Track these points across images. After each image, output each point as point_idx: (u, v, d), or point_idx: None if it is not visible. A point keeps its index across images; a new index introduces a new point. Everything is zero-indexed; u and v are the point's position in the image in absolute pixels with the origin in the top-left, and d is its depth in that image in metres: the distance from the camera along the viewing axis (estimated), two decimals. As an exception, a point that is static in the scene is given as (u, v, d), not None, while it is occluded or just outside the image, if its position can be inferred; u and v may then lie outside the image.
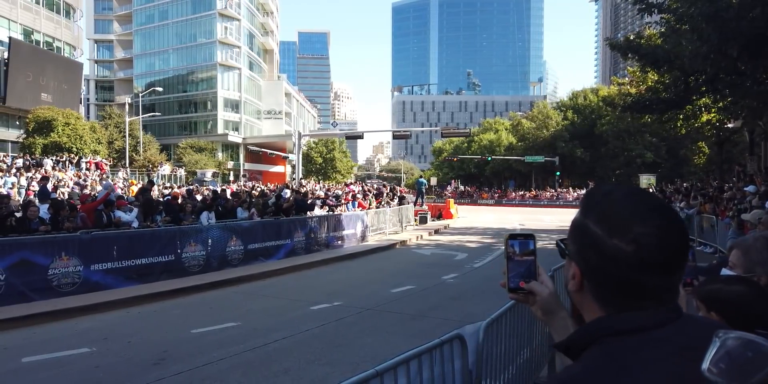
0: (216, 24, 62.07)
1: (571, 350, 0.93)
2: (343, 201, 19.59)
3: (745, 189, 13.77)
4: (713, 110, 20.50)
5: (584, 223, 0.92)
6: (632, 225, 0.87)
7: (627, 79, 31.20)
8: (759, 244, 1.95)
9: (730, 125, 23.86)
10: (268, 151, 51.06)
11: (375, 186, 30.15)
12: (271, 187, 23.16)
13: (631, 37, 18.03)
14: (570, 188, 55.35)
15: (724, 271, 1.97)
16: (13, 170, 23.09)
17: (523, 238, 1.13)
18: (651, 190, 23.26)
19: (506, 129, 71.08)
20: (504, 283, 1.13)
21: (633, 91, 26.04)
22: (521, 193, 57.17)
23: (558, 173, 57.25)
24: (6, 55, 36.27)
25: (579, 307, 0.98)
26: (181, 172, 42.69)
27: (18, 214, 9.62)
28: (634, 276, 0.86)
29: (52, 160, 29.15)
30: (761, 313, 1.66)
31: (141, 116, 47.74)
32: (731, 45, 10.71)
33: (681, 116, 21.35)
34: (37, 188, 17.54)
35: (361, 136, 38.82)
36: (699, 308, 1.89)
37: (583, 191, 50.79)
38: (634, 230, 0.86)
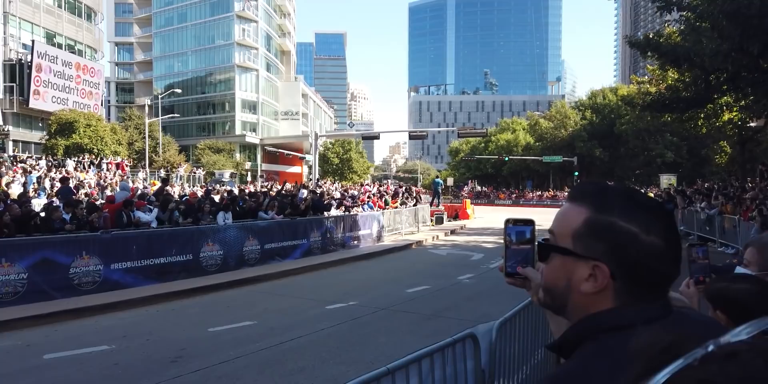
0: (234, 26, 62.61)
1: (563, 349, 0.92)
2: (359, 201, 19.63)
3: (769, 189, 13.53)
4: (735, 109, 20.14)
5: (610, 221, 0.90)
6: (657, 221, 0.90)
7: (647, 77, 30.79)
8: None
9: (752, 124, 23.40)
10: (285, 151, 51.37)
11: (392, 187, 30.16)
12: (289, 186, 23.26)
13: (651, 35, 17.76)
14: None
15: (739, 269, 1.95)
16: (37, 171, 23.55)
17: (523, 224, 1.16)
18: (671, 192, 22.95)
19: (524, 129, 70.57)
20: (502, 267, 1.14)
21: (653, 89, 25.68)
22: (539, 193, 56.72)
23: (576, 173, 56.63)
24: (29, 58, 37.01)
25: (578, 310, 0.94)
26: (200, 172, 43.15)
27: (42, 214, 9.82)
28: (666, 268, 0.90)
29: (74, 161, 29.67)
30: (764, 311, 1.64)
31: (160, 117, 48.34)
32: (753, 42, 10.50)
33: (702, 115, 21.01)
34: (58, 186, 17.86)
35: (377, 137, 38.84)
36: (708, 307, 1.87)
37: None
38: (660, 226, 0.90)
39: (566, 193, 49.29)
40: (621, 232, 0.89)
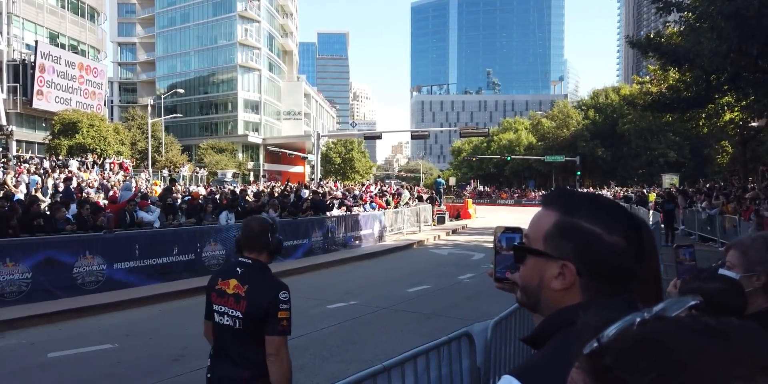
0: (236, 26, 62.73)
1: (536, 342, 1.00)
2: (360, 201, 19.69)
3: (770, 189, 13.54)
4: (736, 109, 20.14)
5: (575, 222, 0.99)
6: (619, 222, 0.99)
7: (648, 77, 30.78)
8: (758, 244, 1.98)
9: (754, 124, 23.40)
10: (288, 151, 51.48)
11: (394, 186, 30.21)
12: (292, 186, 23.35)
13: (652, 36, 17.78)
14: (591, 188, 54.72)
15: (722, 271, 2.01)
16: (41, 171, 23.67)
17: (512, 232, 1.21)
18: (673, 191, 22.96)
19: (526, 128, 70.53)
20: (491, 272, 1.20)
21: (654, 89, 25.69)
22: (541, 193, 56.65)
23: (579, 173, 56.60)
24: (32, 58, 37.17)
25: (550, 306, 1.01)
26: (203, 172, 43.27)
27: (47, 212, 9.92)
28: (628, 266, 0.98)
29: (77, 161, 29.78)
30: (737, 309, 1.71)
31: (163, 117, 48.48)
32: (751, 43, 10.53)
33: (703, 115, 21.01)
34: (62, 188, 17.97)
35: (379, 137, 38.93)
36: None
37: (605, 191, 50.42)
38: (622, 226, 0.98)
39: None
40: (586, 233, 0.98)
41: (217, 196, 15.04)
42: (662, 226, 16.11)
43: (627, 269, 0.98)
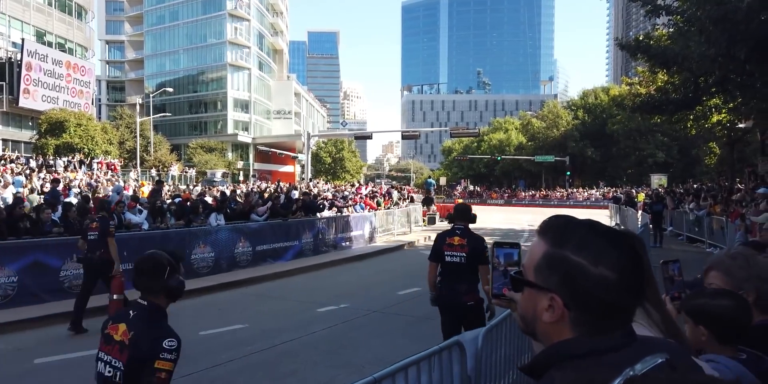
0: (226, 24, 62.41)
1: (534, 372, 0.99)
2: (350, 202, 19.66)
3: (758, 191, 13.65)
4: (723, 111, 20.33)
5: (563, 254, 0.97)
6: (609, 253, 0.96)
7: (637, 79, 30.99)
8: (740, 261, 1.98)
9: (741, 125, 23.63)
10: (278, 151, 51.29)
11: (385, 187, 30.20)
12: (282, 186, 23.29)
13: (641, 38, 17.90)
14: (581, 188, 55.09)
15: None
16: (27, 171, 23.41)
17: (509, 247, 1.20)
18: (660, 191, 23.16)
19: (516, 128, 70.83)
20: (488, 288, 1.20)
21: (643, 90, 25.87)
22: (531, 193, 56.98)
23: (568, 173, 56.96)
24: (19, 56, 36.75)
25: (545, 337, 1.01)
26: (192, 172, 43.00)
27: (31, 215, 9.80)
28: (618, 300, 0.95)
29: (64, 161, 29.49)
30: (745, 325, 1.72)
31: (152, 116, 48.11)
32: (739, 47, 10.62)
33: (691, 117, 21.19)
34: (48, 188, 17.76)
35: (370, 137, 38.92)
36: (687, 322, 1.94)
37: (594, 191, 50.78)
38: (612, 258, 0.95)
39: (558, 194, 49.27)
40: (572, 265, 0.96)
41: (208, 199, 14.92)
42: (650, 226, 16.24)
43: (616, 303, 0.95)
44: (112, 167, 33.00)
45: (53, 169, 26.26)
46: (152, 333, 2.25)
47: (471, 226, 5.03)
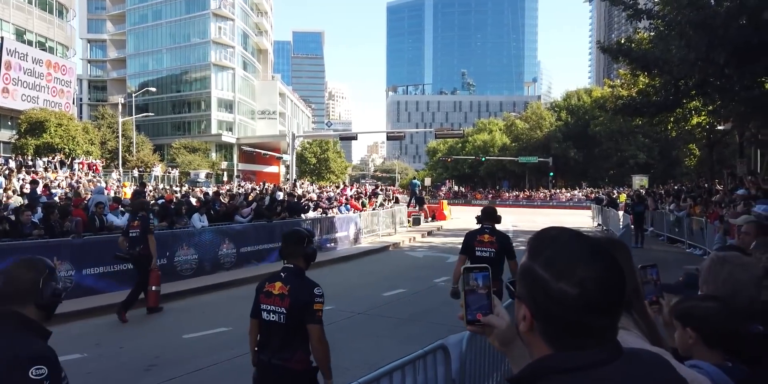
0: (210, 24, 61.95)
1: None
2: (335, 203, 19.63)
3: (737, 192, 13.89)
4: (703, 113, 20.69)
5: (532, 267, 0.99)
6: (576, 269, 0.94)
7: (619, 81, 31.39)
8: (726, 268, 2.06)
9: (720, 127, 24.07)
10: (262, 151, 51.02)
11: (369, 188, 30.19)
12: (268, 186, 23.20)
13: (622, 41, 18.14)
14: (564, 189, 55.62)
15: None
16: (6, 171, 23.00)
17: (478, 271, 1.16)
18: (642, 192, 23.47)
19: (500, 129, 71.25)
20: (462, 315, 1.17)
21: (624, 93, 26.21)
22: (515, 193, 57.36)
23: (552, 174, 57.47)
24: (-2, 55, 36.11)
25: (528, 346, 1.03)
26: (175, 172, 42.59)
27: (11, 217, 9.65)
28: (579, 317, 0.93)
29: (44, 161, 29.04)
30: (734, 328, 1.77)
31: (134, 116, 47.60)
32: (718, 52, 10.83)
33: (672, 119, 21.53)
34: (27, 190, 17.50)
35: (355, 138, 38.90)
36: (665, 324, 1.98)
37: (577, 191, 51.30)
38: (578, 274, 0.94)
39: (541, 194, 49.43)
40: (536, 279, 0.97)
41: (192, 199, 14.81)
42: (632, 227, 16.47)
43: (580, 320, 0.93)
44: (94, 168, 32.54)
45: (33, 169, 25.84)
46: (304, 284, 3.17)
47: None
